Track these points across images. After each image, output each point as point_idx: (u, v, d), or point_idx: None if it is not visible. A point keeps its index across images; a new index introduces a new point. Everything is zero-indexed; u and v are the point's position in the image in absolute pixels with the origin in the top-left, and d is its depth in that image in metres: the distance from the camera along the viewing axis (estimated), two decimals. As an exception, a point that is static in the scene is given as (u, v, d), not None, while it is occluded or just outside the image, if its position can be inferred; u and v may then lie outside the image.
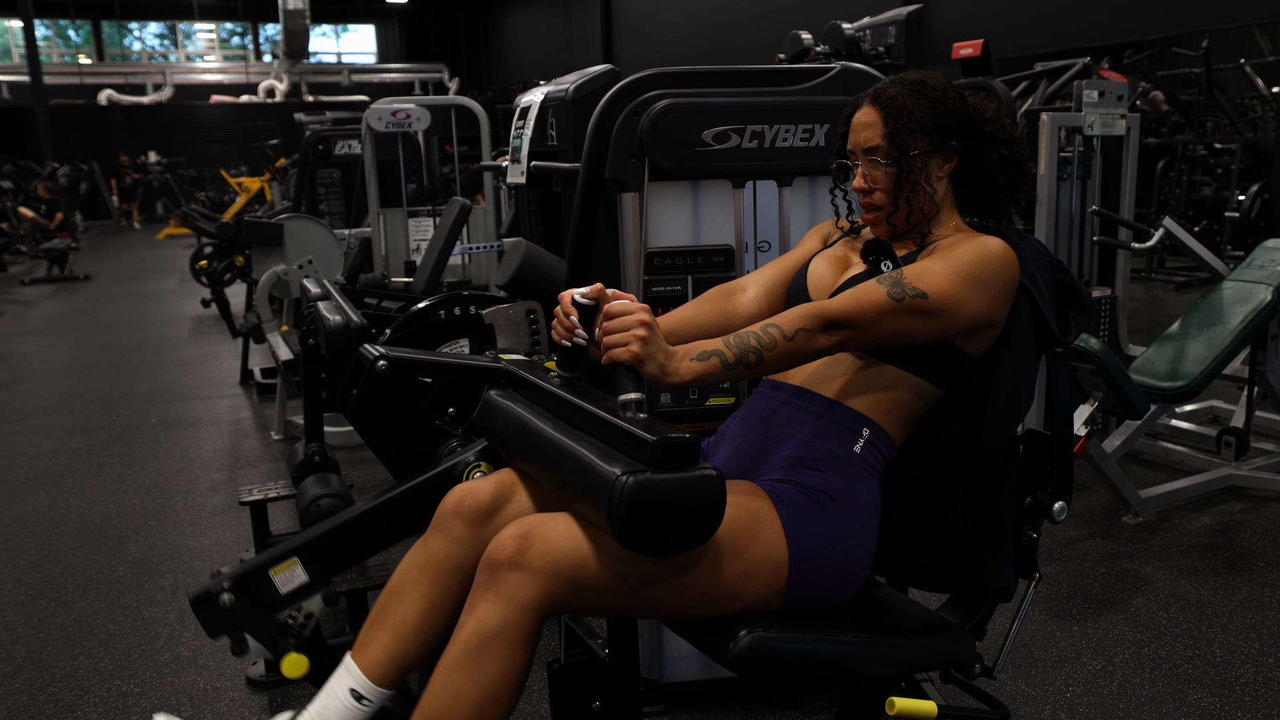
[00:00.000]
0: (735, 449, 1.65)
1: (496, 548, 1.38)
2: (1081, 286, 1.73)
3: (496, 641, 1.35)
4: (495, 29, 28.84)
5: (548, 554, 1.35)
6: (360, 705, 1.52)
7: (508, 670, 1.37)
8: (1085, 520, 3.55)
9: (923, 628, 1.62)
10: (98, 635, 2.90)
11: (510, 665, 1.36)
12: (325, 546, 1.80)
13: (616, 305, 1.44)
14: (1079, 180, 4.35)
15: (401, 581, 1.57)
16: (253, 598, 1.77)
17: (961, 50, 5.66)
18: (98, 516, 3.89)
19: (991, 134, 1.64)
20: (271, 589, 1.78)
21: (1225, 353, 3.62)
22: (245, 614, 1.77)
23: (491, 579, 1.37)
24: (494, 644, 1.35)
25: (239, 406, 5.55)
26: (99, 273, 12.37)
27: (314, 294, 2.54)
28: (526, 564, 1.35)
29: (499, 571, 1.36)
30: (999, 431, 1.63)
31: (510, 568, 1.36)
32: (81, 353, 7.39)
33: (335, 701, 1.52)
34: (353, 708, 1.52)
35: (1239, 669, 2.55)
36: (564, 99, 2.59)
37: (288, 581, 1.78)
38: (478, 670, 1.36)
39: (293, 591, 1.78)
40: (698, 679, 2.43)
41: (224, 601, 1.74)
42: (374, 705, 1.53)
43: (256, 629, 1.79)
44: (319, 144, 6.63)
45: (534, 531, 1.37)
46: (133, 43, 30.60)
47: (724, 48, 15.66)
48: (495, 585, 1.36)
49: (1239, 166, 8.53)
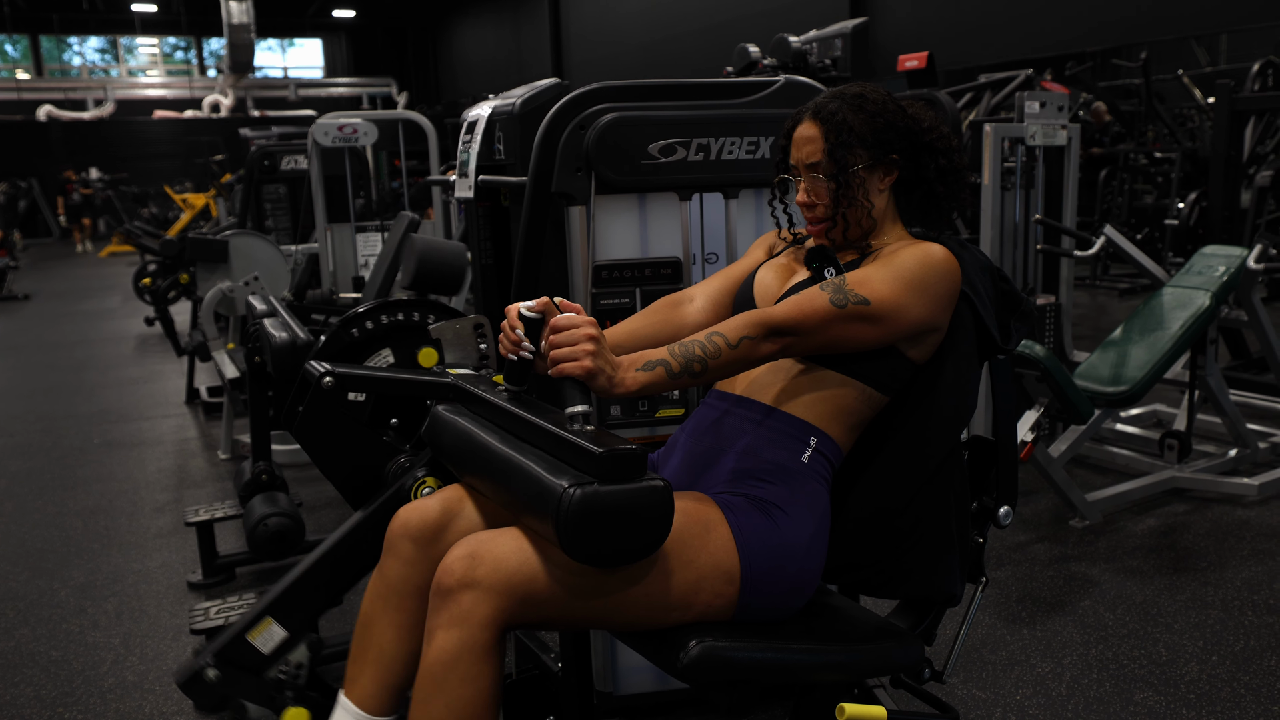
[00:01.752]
0: (683, 459, 1.65)
1: (444, 572, 1.38)
2: (1021, 294, 1.76)
3: (460, 664, 1.35)
4: (444, 43, 28.77)
5: (497, 571, 1.35)
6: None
7: (478, 689, 1.37)
8: (1033, 524, 3.60)
9: (872, 634, 1.63)
10: (39, 662, 2.84)
11: (479, 684, 1.37)
12: (294, 597, 1.84)
13: (563, 319, 1.44)
14: (1022, 190, 4.42)
15: (369, 612, 1.58)
16: (238, 665, 1.80)
17: (907, 62, 5.73)
18: (39, 540, 3.80)
19: (930, 144, 1.66)
20: (253, 652, 1.81)
21: (1166, 357, 3.69)
22: (235, 683, 1.82)
23: (444, 603, 1.37)
24: (458, 667, 1.35)
25: (185, 426, 5.47)
26: (39, 291, 12.14)
27: (260, 311, 2.52)
28: (476, 583, 1.35)
29: (450, 595, 1.36)
30: (943, 437, 1.65)
31: (461, 589, 1.35)
32: (22, 373, 7.24)
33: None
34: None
35: (1183, 667, 2.60)
36: (511, 113, 2.58)
37: (268, 641, 1.82)
38: (449, 696, 1.36)
39: (276, 649, 1.82)
40: (652, 690, 2.42)
41: (209, 677, 1.79)
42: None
43: (250, 693, 1.84)
44: (264, 159, 6.57)
45: (481, 550, 1.37)
46: (72, 57, 30.11)
47: (674, 61, 15.75)
48: (448, 608, 1.36)
49: (1179, 175, 8.72)
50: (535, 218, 2.16)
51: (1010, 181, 4.40)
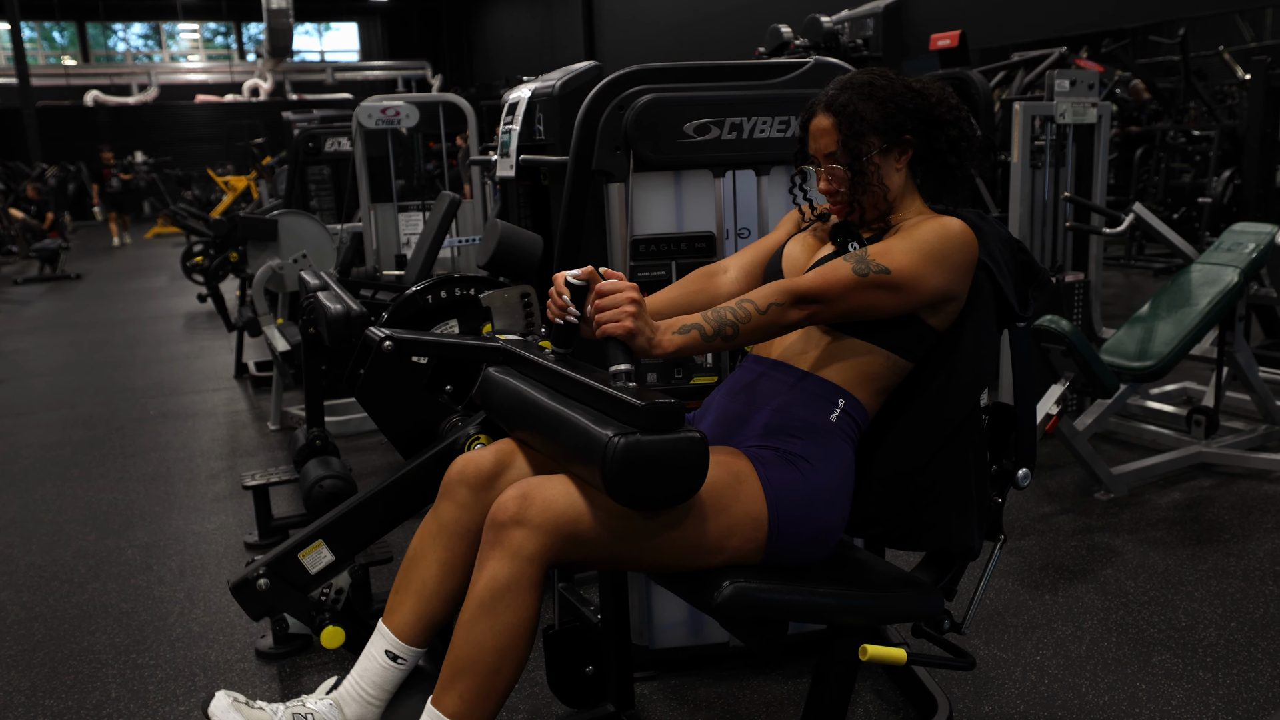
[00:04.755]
0: (718, 416, 1.77)
1: (499, 509, 1.50)
2: (1039, 264, 1.85)
3: (508, 593, 1.48)
4: (478, 25, 28.83)
5: (546, 510, 1.47)
6: (395, 664, 1.66)
7: (521, 618, 1.49)
8: (1058, 497, 3.67)
9: (895, 583, 1.74)
10: (111, 613, 3.01)
11: (523, 613, 1.49)
12: (346, 526, 1.95)
13: (608, 285, 1.56)
14: (1052, 168, 4.45)
15: (418, 549, 1.70)
16: (286, 580, 1.93)
17: (939, 41, 5.78)
18: (104, 503, 3.99)
19: (939, 117, 1.74)
20: (302, 570, 1.93)
21: (1193, 333, 3.73)
22: (281, 595, 1.94)
23: (497, 537, 1.49)
24: (506, 595, 1.47)
25: (235, 399, 5.65)
26: (90, 272, 12.43)
27: (313, 285, 2.63)
28: (527, 521, 1.47)
29: (503, 530, 1.48)
30: (962, 401, 1.75)
31: (513, 525, 1.48)
32: (78, 349, 7.47)
33: (374, 664, 1.66)
34: (389, 667, 1.66)
35: (1202, 632, 2.67)
36: (551, 94, 2.69)
37: (316, 562, 1.94)
38: (495, 620, 1.48)
39: (322, 571, 1.94)
40: (684, 645, 2.55)
41: (260, 586, 1.91)
42: (408, 663, 1.67)
43: (294, 608, 1.97)
44: (309, 141, 6.72)
45: (532, 491, 1.49)
46: (117, 44, 30.52)
47: (705, 41, 15.73)
48: (500, 542, 1.48)
49: (1217, 153, 8.63)
50: (576, 194, 2.27)
51: (1040, 160, 4.44)
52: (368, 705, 1.65)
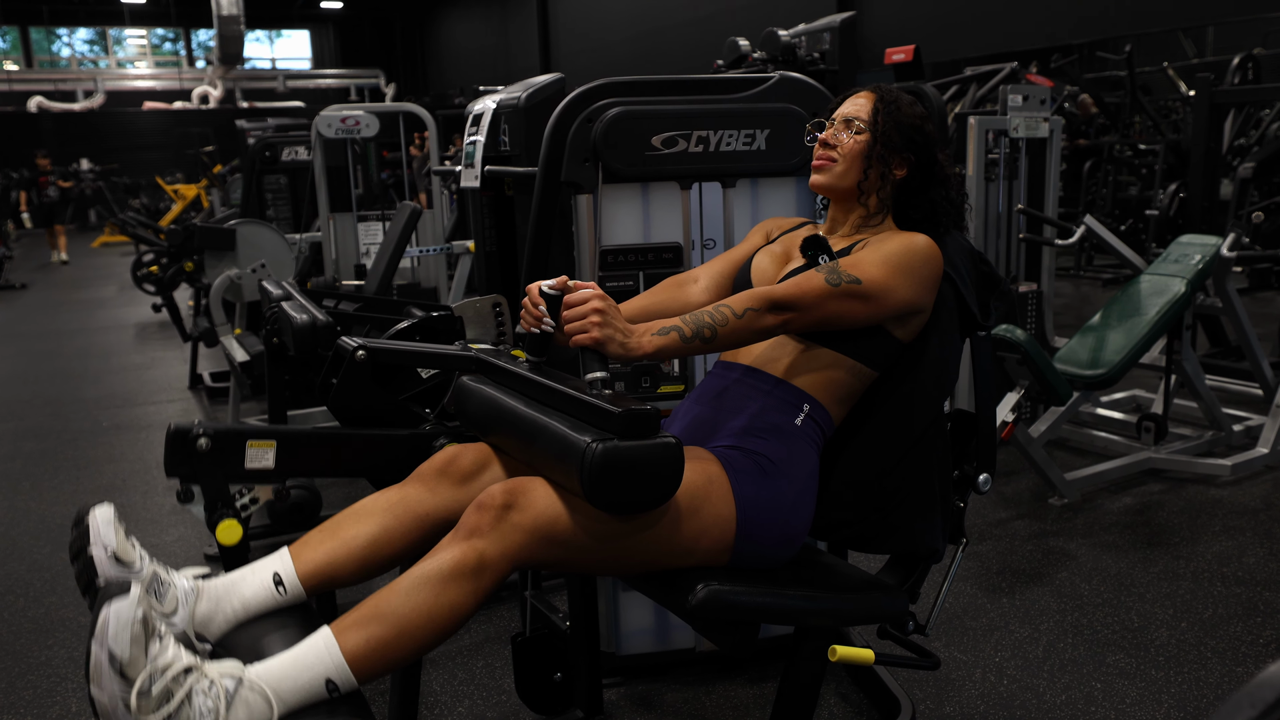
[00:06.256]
0: (689, 421, 1.80)
1: (488, 496, 1.49)
2: (1000, 275, 1.91)
3: (469, 576, 1.45)
4: (431, 35, 28.75)
5: (530, 509, 1.48)
6: (276, 591, 1.54)
7: (466, 604, 1.45)
8: (1014, 502, 3.75)
9: (862, 586, 1.78)
10: (69, 627, 2.97)
11: (470, 600, 1.45)
12: (300, 445, 1.89)
13: (574, 295, 1.59)
14: (1005, 181, 4.55)
15: (367, 506, 1.64)
16: (222, 454, 1.82)
17: (894, 55, 5.86)
18: (58, 516, 3.93)
19: (939, 177, 1.87)
20: (240, 457, 1.83)
21: (1142, 342, 3.82)
22: (209, 467, 1.82)
23: (480, 520, 1.47)
24: (466, 577, 1.45)
25: (190, 410, 5.58)
26: (35, 281, 12.20)
27: (276, 295, 2.62)
28: (511, 515, 1.47)
29: (489, 513, 1.47)
30: (927, 408, 1.80)
31: (502, 511, 1.47)
32: (26, 360, 7.35)
33: (255, 578, 1.55)
34: (268, 590, 1.53)
35: (1154, 633, 2.74)
36: (516, 106, 2.71)
37: (257, 459, 1.83)
38: (443, 593, 1.44)
39: (256, 470, 1.84)
40: (651, 651, 2.57)
41: (200, 446, 1.79)
42: (286, 599, 1.54)
43: (209, 485, 1.83)
44: (266, 150, 6.66)
45: (521, 488, 1.50)
46: (61, 49, 30.02)
47: (661, 53, 15.83)
48: (481, 528, 1.47)
49: (1162, 167, 8.85)
50: (545, 205, 2.29)
51: (994, 173, 4.53)
52: (222, 611, 1.51)
